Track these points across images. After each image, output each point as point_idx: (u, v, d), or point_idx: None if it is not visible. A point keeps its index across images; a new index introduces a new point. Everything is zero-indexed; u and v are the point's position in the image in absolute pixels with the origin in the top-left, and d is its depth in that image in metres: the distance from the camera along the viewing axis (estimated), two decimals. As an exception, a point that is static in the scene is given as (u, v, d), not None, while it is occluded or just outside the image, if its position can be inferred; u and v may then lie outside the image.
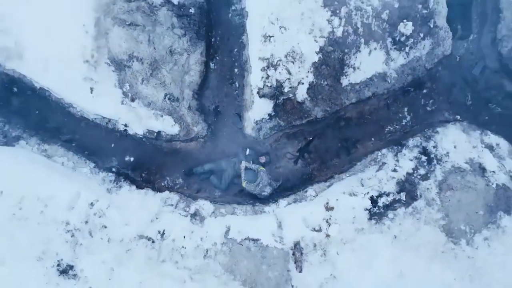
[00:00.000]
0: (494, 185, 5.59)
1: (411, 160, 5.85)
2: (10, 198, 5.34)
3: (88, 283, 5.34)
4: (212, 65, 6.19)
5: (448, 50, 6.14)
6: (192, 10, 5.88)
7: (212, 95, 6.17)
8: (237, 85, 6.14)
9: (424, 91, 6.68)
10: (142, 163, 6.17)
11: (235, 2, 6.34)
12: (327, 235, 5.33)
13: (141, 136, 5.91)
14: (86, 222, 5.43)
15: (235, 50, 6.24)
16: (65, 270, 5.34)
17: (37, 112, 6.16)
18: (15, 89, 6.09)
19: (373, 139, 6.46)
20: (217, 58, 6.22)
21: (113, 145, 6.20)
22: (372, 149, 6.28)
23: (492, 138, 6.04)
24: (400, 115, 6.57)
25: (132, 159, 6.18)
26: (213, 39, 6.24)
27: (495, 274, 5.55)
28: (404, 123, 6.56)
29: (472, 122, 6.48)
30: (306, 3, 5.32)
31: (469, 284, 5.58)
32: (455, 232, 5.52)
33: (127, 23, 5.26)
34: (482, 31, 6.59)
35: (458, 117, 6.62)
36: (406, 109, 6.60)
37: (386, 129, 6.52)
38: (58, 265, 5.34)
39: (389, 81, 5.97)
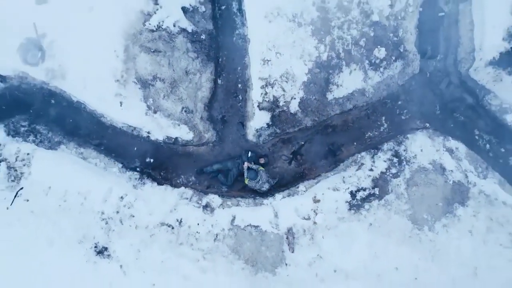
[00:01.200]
0: (451, 182, 6.80)
1: (385, 161, 7.06)
2: (56, 193, 6.55)
3: (119, 262, 6.54)
4: (219, 81, 7.38)
5: (416, 69, 7.34)
6: (203, 36, 7.09)
7: (220, 107, 7.36)
8: (241, 98, 7.33)
9: (399, 102, 7.86)
10: (161, 164, 7.36)
11: (238, 27, 7.53)
12: (315, 222, 6.54)
13: (160, 141, 7.11)
14: (117, 212, 6.64)
15: (239, 68, 7.41)
16: (101, 251, 6.55)
17: (71, 120, 7.33)
18: (53, 101, 7.27)
19: (355, 143, 7.65)
20: (224, 75, 7.41)
21: (135, 148, 7.38)
22: (354, 152, 7.47)
23: (453, 143, 7.24)
24: (379, 123, 7.75)
25: (152, 160, 7.36)
26: (220, 60, 7.42)
27: (452, 255, 6.76)
28: (382, 130, 7.74)
29: (438, 129, 7.66)
30: (297, 33, 6.53)
31: (431, 263, 6.79)
32: (419, 220, 6.73)
33: (152, 50, 6.46)
34: (447, 53, 7.77)
35: (428, 124, 7.79)
36: (383, 118, 7.78)
37: (367, 135, 7.71)
38: (95, 247, 6.55)
39: (368, 95, 7.17)
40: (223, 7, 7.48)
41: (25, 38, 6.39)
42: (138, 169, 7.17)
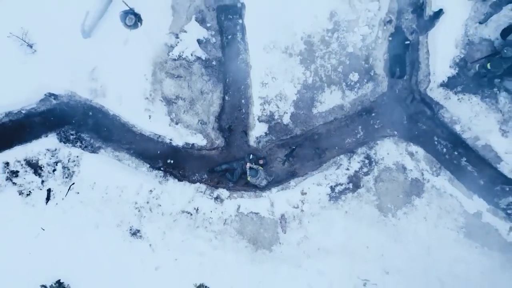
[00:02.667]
0: (410, 179, 8.63)
1: (359, 162, 8.87)
2: (99, 187, 8.35)
3: (149, 241, 8.36)
4: (227, 98, 9.16)
5: (385, 88, 9.15)
6: (214, 62, 8.89)
7: (227, 119, 9.15)
8: (244, 112, 9.12)
9: (373, 114, 9.64)
10: (179, 164, 9.15)
11: (242, 53, 9.30)
12: (302, 210, 8.36)
13: (180, 147, 8.91)
14: (147, 202, 8.45)
15: (242, 87, 9.19)
16: (135, 233, 8.36)
17: (108, 130, 9.11)
18: (90, 113, 9.05)
19: (336, 148, 9.44)
20: (230, 93, 9.19)
21: (159, 152, 9.17)
22: (335, 154, 9.26)
23: (413, 148, 9.06)
24: (356, 131, 9.53)
25: (172, 161, 9.14)
26: (227, 80, 9.20)
27: (410, 236, 8.59)
28: (358, 137, 9.52)
29: (406, 136, 9.44)
30: (288, 62, 8.34)
31: (394, 243, 8.61)
32: (385, 209, 8.56)
33: (175, 76, 8.26)
34: (411, 74, 9.56)
35: (396, 132, 9.58)
36: (360, 127, 9.55)
37: (346, 141, 9.49)
38: (130, 229, 8.36)
39: (345, 110, 8.98)
40: (229, 37, 9.25)
41: (122, 10, 7.99)
42: (161, 168, 8.97)
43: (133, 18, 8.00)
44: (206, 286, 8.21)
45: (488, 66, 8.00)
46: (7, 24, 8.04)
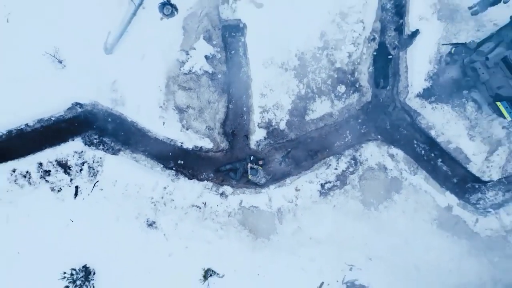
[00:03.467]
0: (390, 177, 9.91)
1: (346, 163, 10.15)
2: (120, 184, 9.61)
3: (163, 231, 9.62)
4: (230, 106, 10.42)
5: (369, 98, 10.42)
6: (219, 75, 10.16)
7: (231, 124, 10.41)
8: (245, 119, 10.38)
9: (359, 120, 10.91)
10: (189, 164, 10.40)
11: (243, 67, 10.56)
12: (296, 204, 9.63)
13: (190, 149, 10.17)
14: (162, 197, 9.72)
15: (244, 97, 10.44)
16: (151, 224, 9.63)
17: (126, 134, 10.36)
18: (109, 120, 10.29)
19: (327, 150, 10.71)
20: (233, 102, 10.45)
21: (170, 153, 10.43)
22: (326, 156, 10.54)
23: (394, 150, 10.34)
24: (344, 135, 10.80)
25: (182, 162, 10.41)
26: (231, 91, 10.45)
27: (390, 228, 9.87)
28: (346, 140, 10.79)
29: (386, 140, 10.72)
30: (284, 76, 9.62)
31: (376, 233, 9.90)
32: (368, 203, 9.84)
33: (186, 88, 9.53)
34: (393, 85, 10.84)
35: (379, 136, 10.85)
36: (347, 131, 10.82)
37: (335, 144, 10.77)
38: (147, 221, 9.62)
39: (334, 117, 10.26)
40: (233, 52, 10.51)
41: (160, 2, 9.14)
42: (173, 168, 10.24)
43: (170, 8, 9.20)
44: (212, 270, 9.49)
45: (452, 51, 9.26)
46: (42, 43, 9.28)
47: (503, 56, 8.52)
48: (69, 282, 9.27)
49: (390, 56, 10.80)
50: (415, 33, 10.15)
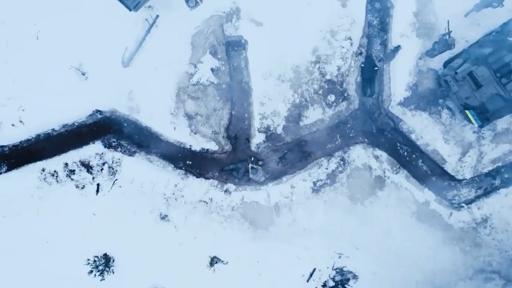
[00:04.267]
0: (374, 176, 11.24)
1: (335, 163, 11.46)
2: (137, 182, 10.90)
3: (174, 223, 10.93)
4: (233, 113, 11.69)
5: (356, 106, 11.72)
6: (223, 86, 11.45)
7: (234, 129, 11.69)
8: (246, 124, 11.65)
9: (348, 125, 12.20)
10: (196, 165, 11.69)
11: (245, 77, 11.83)
12: (291, 200, 10.94)
13: (197, 151, 11.46)
14: (173, 194, 11.02)
15: (245, 104, 11.72)
16: (163, 217, 10.93)
17: (141, 138, 11.63)
18: (125, 125, 11.57)
19: (319, 152, 12.00)
20: (236, 109, 11.72)
21: (180, 155, 11.71)
22: (318, 157, 11.83)
23: (378, 152, 11.65)
24: (334, 139, 12.07)
25: (190, 162, 11.69)
26: (233, 99, 11.73)
27: (375, 220, 11.19)
28: (336, 143, 12.08)
29: (373, 143, 12.00)
30: (281, 87, 10.93)
31: (362, 226, 11.21)
32: (355, 199, 11.16)
33: (194, 97, 10.84)
34: (379, 93, 12.14)
35: (366, 140, 12.15)
36: (338, 135, 12.09)
37: (327, 146, 12.06)
38: (160, 215, 10.92)
39: (325, 123, 11.57)
40: (235, 65, 11.78)
41: None
42: (183, 168, 11.54)
43: (194, 0, 10.32)
44: (218, 258, 10.81)
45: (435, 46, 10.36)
46: (67, 58, 10.56)
47: (469, 71, 9.83)
48: (92, 268, 10.57)
49: (376, 68, 12.06)
50: (397, 48, 11.45)
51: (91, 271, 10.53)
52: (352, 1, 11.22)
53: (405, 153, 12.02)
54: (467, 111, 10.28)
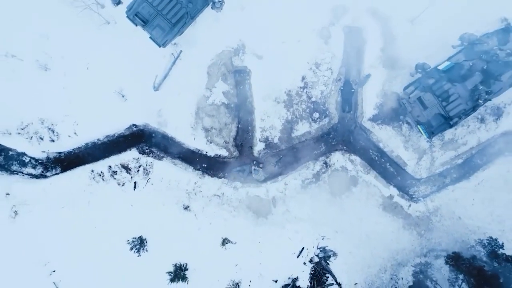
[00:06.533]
0: (349, 175, 14.43)
1: (320, 166, 14.65)
2: (165, 180, 14.05)
3: (194, 212, 14.08)
4: (239, 126, 14.89)
5: (336, 120, 14.93)
6: (232, 105, 14.63)
7: (240, 139, 14.86)
8: (250, 135, 14.83)
9: (330, 136, 15.40)
10: (211, 167, 14.83)
11: (249, 99, 15.00)
12: (285, 194, 14.12)
13: (212, 156, 14.62)
14: (193, 189, 14.18)
15: (249, 120, 14.91)
16: (186, 208, 14.08)
17: (164, 145, 14.77)
18: (155, 136, 14.72)
19: (307, 157, 15.18)
20: (241, 123, 14.90)
21: (197, 159, 14.88)
22: (306, 161, 15.00)
23: (353, 157, 14.84)
24: (319, 146, 15.27)
25: (206, 165, 14.85)
26: (240, 115, 14.92)
27: (351, 211, 14.35)
28: (321, 150, 15.27)
29: (350, 150, 15.20)
30: (277, 107, 14.14)
31: (341, 214, 14.38)
32: (334, 194, 14.34)
33: (210, 115, 14.02)
34: (354, 111, 15.34)
35: (345, 147, 15.35)
36: (322, 144, 15.31)
37: (313, 153, 15.24)
38: (183, 206, 14.07)
39: (312, 134, 14.77)
40: (241, 88, 14.97)
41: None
42: (200, 169, 14.70)
43: (220, 2, 13.44)
44: (228, 239, 13.93)
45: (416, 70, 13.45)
46: (111, 84, 13.68)
47: (418, 96, 13.05)
48: (131, 247, 13.67)
49: (353, 90, 15.29)
50: (367, 76, 14.67)
51: (132, 248, 13.62)
52: (332, 39, 14.47)
53: (376, 158, 15.22)
54: (419, 126, 13.49)
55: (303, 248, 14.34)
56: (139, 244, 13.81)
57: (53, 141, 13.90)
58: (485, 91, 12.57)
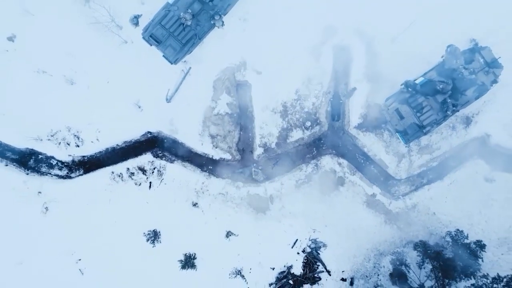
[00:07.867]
0: (337, 176, 16.49)
1: (311, 168, 16.68)
2: (176, 180, 16.07)
3: (202, 209, 16.12)
4: (241, 133, 16.91)
5: (326, 128, 16.97)
6: (235, 114, 16.67)
7: (242, 144, 16.87)
8: (251, 141, 16.86)
9: (321, 141, 17.44)
10: (216, 169, 16.86)
11: (249, 110, 17.01)
12: (281, 193, 16.16)
13: (217, 159, 16.65)
14: (201, 188, 16.22)
15: (250, 127, 16.93)
16: (194, 204, 16.12)
17: (175, 149, 16.80)
18: (167, 141, 16.73)
19: (300, 160, 17.21)
20: (243, 131, 16.91)
21: (204, 162, 16.89)
22: (300, 163, 17.03)
23: (341, 160, 16.89)
24: (311, 151, 17.27)
25: (212, 167, 16.88)
26: (242, 123, 16.93)
27: (338, 208, 16.39)
28: (313, 154, 17.29)
29: (338, 153, 17.24)
30: (274, 116, 16.17)
31: (330, 210, 16.42)
32: (324, 192, 16.38)
33: (216, 124, 16.05)
34: (342, 119, 17.36)
35: (334, 151, 17.37)
36: (314, 148, 17.33)
37: (307, 156, 17.27)
38: (192, 203, 16.11)
39: (305, 140, 16.82)
40: (243, 100, 16.97)
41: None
42: (206, 171, 16.72)
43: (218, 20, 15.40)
44: (231, 232, 15.95)
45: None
46: (129, 103, 15.68)
47: (396, 108, 15.10)
48: (147, 239, 15.68)
49: (341, 101, 17.31)
50: (353, 89, 16.72)
51: (147, 240, 15.62)
52: (323, 58, 16.51)
53: (362, 161, 17.26)
54: (397, 134, 15.55)
55: (296, 240, 16.37)
56: (154, 236, 15.81)
57: (78, 146, 15.90)
58: (452, 104, 14.63)
